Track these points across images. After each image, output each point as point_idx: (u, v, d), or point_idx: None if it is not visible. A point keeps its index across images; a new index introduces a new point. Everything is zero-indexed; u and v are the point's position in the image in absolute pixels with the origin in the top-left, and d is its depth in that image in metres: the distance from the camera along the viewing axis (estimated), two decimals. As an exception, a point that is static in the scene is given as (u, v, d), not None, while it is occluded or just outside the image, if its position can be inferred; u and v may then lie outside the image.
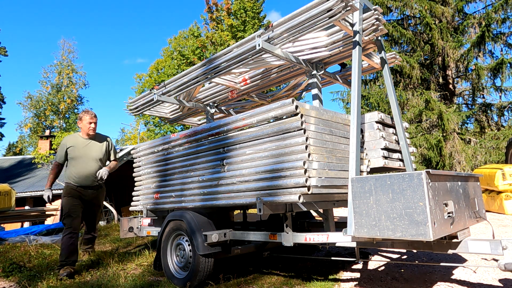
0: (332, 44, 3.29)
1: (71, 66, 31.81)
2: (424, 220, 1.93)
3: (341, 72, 4.00)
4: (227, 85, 4.15)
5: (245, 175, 2.86)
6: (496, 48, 22.27)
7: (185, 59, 18.37)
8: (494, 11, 12.61)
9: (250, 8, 16.95)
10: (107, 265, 4.01)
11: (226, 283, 3.17)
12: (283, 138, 2.68)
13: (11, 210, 7.86)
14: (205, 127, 3.35)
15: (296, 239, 2.81)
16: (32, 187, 14.49)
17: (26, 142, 33.37)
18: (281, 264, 3.90)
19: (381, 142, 3.16)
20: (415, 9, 13.53)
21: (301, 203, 2.60)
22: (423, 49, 13.61)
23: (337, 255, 4.19)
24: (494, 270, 3.22)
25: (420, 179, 1.97)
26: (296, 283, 3.14)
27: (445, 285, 2.93)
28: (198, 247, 3.02)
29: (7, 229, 7.65)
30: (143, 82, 26.08)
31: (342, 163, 2.85)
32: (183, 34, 23.37)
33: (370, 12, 2.97)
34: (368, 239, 2.38)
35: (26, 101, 30.19)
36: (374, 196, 2.16)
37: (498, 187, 6.83)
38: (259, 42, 2.88)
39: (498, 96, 14.20)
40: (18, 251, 4.71)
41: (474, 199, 2.60)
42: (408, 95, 13.33)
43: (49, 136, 20.10)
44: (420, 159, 12.63)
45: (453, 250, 2.26)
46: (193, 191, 3.37)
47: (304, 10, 2.78)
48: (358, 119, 2.71)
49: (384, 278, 3.22)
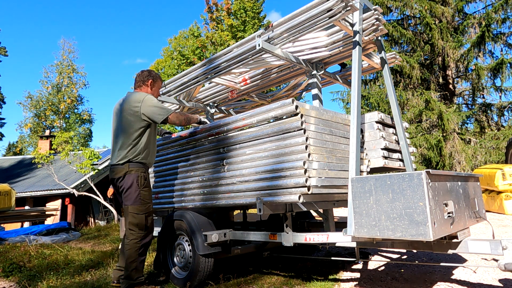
0: (332, 44, 3.29)
1: (72, 66, 31.83)
2: (424, 220, 1.93)
3: (341, 72, 4.00)
4: (227, 85, 4.15)
5: (245, 175, 2.87)
6: (496, 48, 22.23)
7: (185, 59, 18.37)
8: (494, 11, 12.61)
9: (250, 8, 16.94)
10: (107, 265, 4.01)
11: (226, 283, 3.17)
12: (283, 138, 2.68)
13: (11, 210, 7.86)
14: (205, 127, 3.35)
15: (296, 239, 2.81)
16: (32, 187, 14.48)
17: (26, 142, 33.36)
18: (281, 264, 3.90)
19: (381, 142, 3.16)
20: (415, 9, 13.54)
21: (301, 203, 2.60)
22: (423, 49, 13.61)
23: (337, 255, 4.19)
24: (494, 270, 3.22)
25: (420, 179, 1.97)
26: (296, 283, 3.14)
27: (445, 285, 2.93)
28: (198, 247, 3.02)
29: (7, 229, 7.66)
30: (143, 82, 26.04)
31: (342, 163, 2.85)
32: (183, 34, 23.36)
33: (370, 12, 2.97)
34: (368, 239, 2.38)
35: (26, 101, 30.23)
36: (374, 196, 2.16)
37: (498, 187, 6.83)
38: (259, 42, 2.88)
39: (498, 96, 14.21)
40: (18, 251, 4.71)
41: (474, 199, 2.60)
42: (408, 95, 13.33)
43: (49, 136, 20.09)
44: (420, 159, 12.64)
45: (453, 250, 2.26)
46: (193, 191, 3.37)
47: (304, 10, 2.78)
48: (358, 119, 2.71)
49: (384, 278, 3.22)
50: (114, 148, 3.00)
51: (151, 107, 2.94)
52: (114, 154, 2.97)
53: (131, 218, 2.82)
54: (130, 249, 2.80)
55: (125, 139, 2.93)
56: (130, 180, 2.85)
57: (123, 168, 2.88)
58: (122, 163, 2.89)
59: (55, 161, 15.46)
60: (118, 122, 3.01)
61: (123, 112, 2.96)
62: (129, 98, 3.01)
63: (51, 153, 13.01)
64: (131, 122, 2.93)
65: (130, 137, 2.92)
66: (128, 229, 2.84)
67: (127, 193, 2.84)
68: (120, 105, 3.05)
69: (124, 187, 2.85)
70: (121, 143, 2.93)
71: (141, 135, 2.97)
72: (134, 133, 2.93)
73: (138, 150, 2.94)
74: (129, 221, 2.83)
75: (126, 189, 2.85)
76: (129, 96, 3.03)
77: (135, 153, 2.92)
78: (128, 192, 2.84)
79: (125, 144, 2.92)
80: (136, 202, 2.84)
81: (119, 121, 2.99)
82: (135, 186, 2.85)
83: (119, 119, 3.00)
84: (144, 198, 2.89)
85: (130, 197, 2.84)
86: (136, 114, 2.92)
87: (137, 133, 2.94)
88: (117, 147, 2.96)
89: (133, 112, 2.93)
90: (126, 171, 2.87)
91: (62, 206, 13.88)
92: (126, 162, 2.89)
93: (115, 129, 3.04)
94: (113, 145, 3.03)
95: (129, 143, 2.92)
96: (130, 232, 2.83)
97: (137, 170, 2.91)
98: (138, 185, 2.87)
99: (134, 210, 2.83)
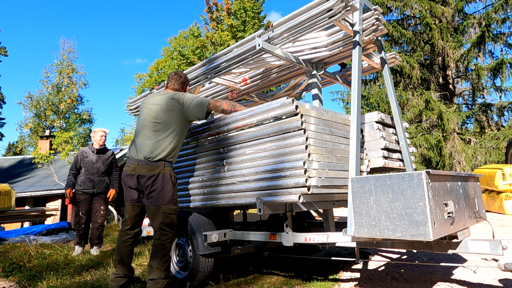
0: (332, 44, 3.29)
1: (72, 66, 31.82)
2: (424, 220, 1.93)
3: (341, 72, 4.00)
4: (227, 85, 4.15)
5: (245, 175, 2.86)
6: (496, 48, 22.28)
7: (185, 59, 18.37)
8: (494, 11, 12.62)
9: (250, 8, 16.95)
10: (107, 265, 4.01)
11: (226, 283, 3.17)
12: (283, 138, 2.68)
13: (11, 210, 7.85)
14: (205, 127, 3.35)
15: (296, 239, 2.81)
16: (32, 187, 14.48)
17: (26, 142, 33.34)
18: (281, 264, 3.90)
19: (381, 142, 3.16)
20: (415, 9, 13.54)
21: (301, 203, 2.60)
22: (423, 49, 13.62)
23: (337, 255, 4.20)
24: (494, 270, 3.22)
25: (420, 179, 1.97)
26: (296, 283, 3.14)
27: (445, 285, 2.93)
28: (198, 247, 3.02)
29: (7, 229, 7.65)
30: (143, 82, 26.09)
31: (342, 163, 2.85)
32: (183, 34, 23.37)
33: (370, 12, 2.97)
34: (368, 239, 2.38)
35: (26, 101, 30.20)
36: (374, 196, 2.16)
37: (498, 187, 6.83)
38: (259, 42, 2.88)
39: (498, 96, 14.22)
40: (18, 251, 4.71)
41: (474, 199, 2.60)
42: (408, 95, 13.34)
43: (49, 136, 20.10)
44: (420, 159, 12.64)
45: (453, 250, 2.26)
46: (193, 191, 3.37)
47: (304, 10, 2.78)
48: (358, 119, 2.71)
49: (384, 278, 3.22)
50: (143, 142, 2.83)
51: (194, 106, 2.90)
52: (144, 148, 2.80)
53: (164, 219, 2.75)
54: (164, 249, 2.75)
55: (160, 135, 2.83)
56: (165, 180, 2.77)
57: (157, 166, 2.77)
58: (156, 160, 2.77)
59: (55, 161, 15.48)
60: (153, 116, 2.88)
61: (162, 106, 2.87)
62: (169, 95, 2.94)
63: (51, 153, 13.02)
64: (171, 118, 2.86)
65: (166, 134, 2.84)
66: (161, 229, 2.75)
67: (161, 193, 2.75)
68: (158, 99, 2.93)
69: (157, 186, 2.75)
70: (156, 139, 2.82)
71: (179, 134, 2.92)
72: (171, 131, 2.86)
73: (171, 148, 2.85)
74: (161, 221, 2.75)
75: (160, 189, 2.75)
76: (169, 94, 2.96)
77: (168, 151, 2.83)
78: (162, 192, 2.75)
79: (161, 141, 2.82)
80: (171, 202, 2.78)
81: (155, 115, 2.87)
82: (170, 186, 2.79)
83: (154, 113, 2.87)
84: (176, 198, 2.88)
85: (164, 197, 2.75)
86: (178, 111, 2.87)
87: (175, 131, 2.88)
88: (149, 142, 2.81)
89: (176, 109, 2.87)
90: (160, 170, 2.77)
91: (62, 206, 13.88)
92: (161, 160, 2.79)
93: (147, 122, 2.89)
94: (142, 138, 2.85)
95: (165, 140, 2.83)
96: (163, 233, 2.76)
97: (170, 169, 2.86)
98: (173, 184, 2.83)
99: (168, 210, 2.77)
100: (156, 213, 2.76)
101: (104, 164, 5.04)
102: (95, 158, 4.99)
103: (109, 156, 5.15)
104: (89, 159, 4.96)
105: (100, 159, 5.02)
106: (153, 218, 2.80)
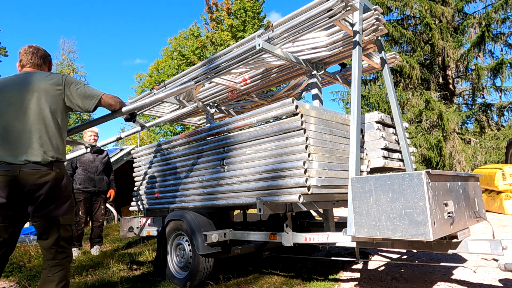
0: (332, 44, 3.29)
1: (72, 66, 31.83)
2: (424, 220, 1.93)
3: (341, 72, 4.00)
4: (227, 85, 4.14)
5: (245, 175, 2.87)
6: (496, 48, 22.23)
7: (185, 59, 18.37)
8: (494, 11, 12.61)
9: (250, 8, 16.94)
10: (107, 265, 4.01)
11: (226, 283, 3.17)
12: (283, 138, 2.68)
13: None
14: (205, 127, 3.35)
15: (296, 239, 2.81)
16: (32, 187, 14.45)
17: (26, 142, 33.31)
18: (281, 264, 3.90)
19: (381, 142, 3.16)
20: (415, 9, 13.53)
21: (301, 203, 2.60)
22: (423, 49, 13.61)
23: (337, 255, 4.19)
24: (494, 270, 3.22)
25: (420, 179, 1.97)
26: (296, 283, 3.14)
27: (445, 285, 2.93)
28: (198, 247, 3.02)
29: (7, 229, 7.64)
30: (143, 82, 26.07)
31: (342, 163, 2.85)
32: (183, 34, 23.35)
33: (370, 12, 2.97)
34: (368, 239, 2.38)
35: (26, 101, 30.18)
36: (374, 196, 2.16)
37: (498, 187, 6.83)
38: (259, 42, 2.88)
39: (498, 96, 14.20)
40: (18, 251, 4.70)
41: (474, 199, 2.60)
42: (408, 95, 13.32)
43: (49, 136, 20.07)
44: (420, 159, 12.64)
45: (453, 250, 2.26)
46: (193, 191, 3.37)
47: (304, 10, 2.78)
48: (358, 119, 2.71)
49: (384, 278, 3.22)
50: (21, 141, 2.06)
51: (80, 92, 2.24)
52: (25, 150, 2.05)
53: (64, 233, 2.13)
54: (62, 271, 2.11)
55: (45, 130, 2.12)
56: (62, 185, 2.15)
57: (48, 170, 2.08)
58: (46, 163, 2.08)
59: (55, 161, 15.42)
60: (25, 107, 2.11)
61: (35, 93, 2.13)
62: (41, 77, 2.20)
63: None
64: (51, 108, 2.15)
65: (51, 128, 2.15)
66: (60, 246, 2.12)
67: (59, 202, 2.12)
68: (24, 84, 2.16)
69: (54, 194, 2.09)
70: (38, 135, 2.09)
71: (63, 126, 2.25)
72: (56, 123, 2.18)
73: (61, 145, 2.22)
74: (61, 236, 2.12)
75: (57, 197, 2.11)
76: (39, 75, 2.21)
77: (59, 149, 2.18)
78: (60, 200, 2.13)
79: (45, 138, 2.12)
80: (70, 210, 2.19)
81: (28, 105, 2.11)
82: (68, 192, 2.20)
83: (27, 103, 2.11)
84: (73, 205, 2.30)
85: (63, 206, 2.14)
86: (59, 98, 2.19)
87: (60, 123, 2.22)
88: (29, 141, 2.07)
89: (56, 95, 2.18)
90: (55, 174, 2.10)
91: (62, 206, 13.84)
92: (55, 161, 2.12)
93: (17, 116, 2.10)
94: (16, 136, 2.07)
95: (52, 136, 2.15)
96: (62, 250, 2.13)
97: (65, 171, 2.24)
98: (70, 190, 2.25)
99: (68, 221, 2.16)
100: (51, 226, 2.11)
101: (101, 163, 5.11)
102: (92, 158, 5.03)
103: (105, 155, 5.25)
104: (86, 158, 4.99)
105: (98, 158, 5.09)
106: (46, 234, 2.10)
